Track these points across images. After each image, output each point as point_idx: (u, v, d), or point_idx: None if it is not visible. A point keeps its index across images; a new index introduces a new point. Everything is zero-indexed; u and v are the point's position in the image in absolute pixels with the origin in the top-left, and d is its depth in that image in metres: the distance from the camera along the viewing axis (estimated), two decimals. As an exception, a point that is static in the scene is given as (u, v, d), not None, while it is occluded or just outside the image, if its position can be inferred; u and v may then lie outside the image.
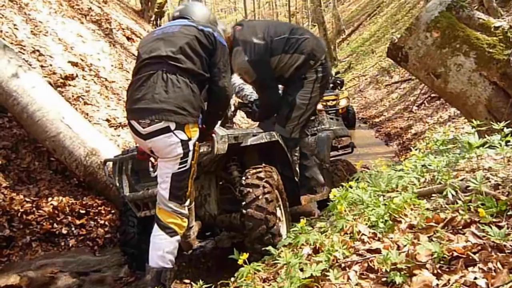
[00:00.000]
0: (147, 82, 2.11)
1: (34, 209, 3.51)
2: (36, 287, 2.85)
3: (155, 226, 2.12)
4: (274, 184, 2.46)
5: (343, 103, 9.87)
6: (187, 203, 2.18)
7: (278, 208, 2.50)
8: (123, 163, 2.72)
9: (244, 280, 1.68)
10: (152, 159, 2.58)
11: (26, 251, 3.30)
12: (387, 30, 16.90)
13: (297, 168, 3.06)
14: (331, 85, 9.10)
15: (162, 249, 2.08)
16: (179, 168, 2.10)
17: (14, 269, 3.04)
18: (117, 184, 2.70)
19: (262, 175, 2.41)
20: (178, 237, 2.12)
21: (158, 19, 13.60)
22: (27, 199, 3.55)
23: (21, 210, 3.43)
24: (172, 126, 2.07)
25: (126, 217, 2.87)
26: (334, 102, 9.69)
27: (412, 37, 2.65)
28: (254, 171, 2.45)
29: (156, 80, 2.10)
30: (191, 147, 2.12)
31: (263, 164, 2.54)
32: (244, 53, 2.83)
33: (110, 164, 2.79)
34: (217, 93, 2.25)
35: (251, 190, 2.33)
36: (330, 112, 8.77)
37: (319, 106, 8.13)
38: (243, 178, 2.44)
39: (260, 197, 2.30)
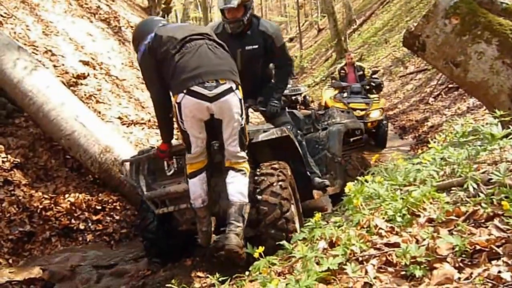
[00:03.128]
0: (198, 52, 2.30)
1: (52, 205, 3.58)
2: (57, 280, 2.93)
3: (230, 172, 2.35)
4: (288, 176, 2.52)
5: (374, 115, 6.89)
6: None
7: (291, 203, 2.49)
8: (140, 163, 2.80)
9: (260, 273, 1.67)
10: (173, 159, 2.71)
11: (46, 246, 3.38)
12: (401, 18, 16.51)
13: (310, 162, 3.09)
14: (362, 89, 7.19)
15: (241, 186, 2.33)
16: (241, 124, 2.35)
17: (35, 263, 3.13)
18: (135, 184, 2.78)
19: (276, 166, 2.52)
20: (248, 178, 2.39)
21: (165, 15, 13.64)
22: (46, 196, 3.62)
23: (40, 206, 3.51)
24: (234, 86, 2.31)
25: (146, 205, 2.91)
26: (362, 113, 6.76)
27: (430, 25, 2.57)
28: (268, 164, 2.56)
29: (206, 51, 2.32)
30: (243, 105, 2.39)
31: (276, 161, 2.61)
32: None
33: (128, 164, 2.88)
34: None
35: (265, 179, 2.44)
36: None
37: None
38: (258, 170, 2.52)
39: (274, 183, 2.42)
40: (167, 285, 1.88)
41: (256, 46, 2.97)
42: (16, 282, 2.79)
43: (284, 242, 1.91)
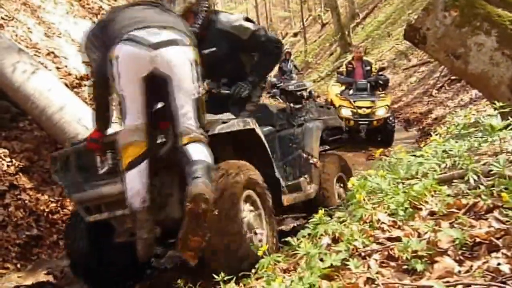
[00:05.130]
0: (143, 11, 1.99)
1: (59, 208, 3.61)
2: (66, 284, 2.94)
3: (189, 145, 1.89)
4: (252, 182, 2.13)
5: (380, 112, 6.76)
6: None
7: (256, 215, 2.14)
8: (69, 158, 2.26)
9: (265, 271, 1.69)
10: (106, 153, 2.13)
11: (54, 249, 3.40)
12: (403, 11, 16.41)
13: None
14: (368, 85, 7.09)
15: (205, 151, 1.89)
16: (196, 93, 1.94)
17: (43, 267, 3.14)
18: (60, 183, 2.30)
19: (234, 167, 2.08)
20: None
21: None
22: (52, 199, 3.65)
23: (46, 210, 3.54)
24: (186, 41, 1.93)
25: (76, 222, 2.38)
26: (368, 111, 6.74)
27: (430, 17, 2.57)
28: (226, 163, 2.09)
29: (153, 10, 2.01)
30: (198, 71, 1.95)
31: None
32: None
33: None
34: None
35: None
36: (360, 123, 6.75)
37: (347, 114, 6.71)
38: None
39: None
40: (173, 284, 1.90)
41: (215, 49, 2.49)
42: (24, 286, 2.81)
43: (288, 239, 1.87)
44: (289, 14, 33.08)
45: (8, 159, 3.76)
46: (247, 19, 2.65)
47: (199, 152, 1.87)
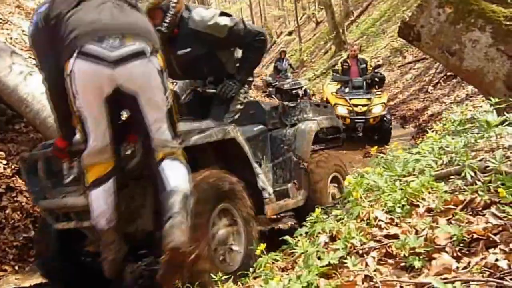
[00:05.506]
0: (99, 8, 1.71)
1: (56, 209, 3.60)
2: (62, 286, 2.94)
3: (164, 161, 1.75)
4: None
5: (377, 110, 6.70)
6: None
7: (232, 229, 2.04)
8: (37, 161, 2.09)
9: (263, 270, 1.69)
10: (73, 161, 1.99)
11: (52, 251, 3.41)
12: (397, 8, 16.44)
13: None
14: (364, 83, 7.05)
15: (183, 173, 1.75)
16: (167, 104, 1.77)
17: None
18: (29, 187, 2.17)
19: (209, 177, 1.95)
20: (188, 171, 1.79)
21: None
22: (49, 200, 3.65)
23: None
24: (148, 49, 1.69)
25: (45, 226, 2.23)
26: (364, 109, 6.68)
27: (424, 15, 2.57)
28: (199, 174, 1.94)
29: (111, 7, 1.73)
30: (165, 79, 1.76)
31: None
32: None
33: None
34: None
35: None
36: (356, 121, 6.67)
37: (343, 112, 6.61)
38: None
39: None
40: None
41: (189, 49, 2.36)
42: (22, 288, 2.80)
43: (287, 237, 1.85)
44: (284, 12, 33.05)
45: (4, 162, 3.75)
46: (223, 14, 2.45)
47: (175, 175, 1.73)
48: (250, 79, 2.69)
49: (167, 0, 2.28)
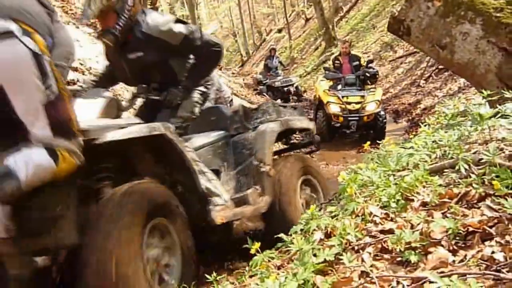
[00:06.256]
0: None
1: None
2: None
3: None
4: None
5: (370, 107, 6.55)
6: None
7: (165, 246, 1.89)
8: None
9: (259, 268, 1.68)
10: None
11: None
12: (387, 3, 16.47)
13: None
14: (357, 80, 6.95)
15: (32, 157, 1.44)
16: (48, 94, 1.50)
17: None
18: None
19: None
20: (54, 165, 1.48)
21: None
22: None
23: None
24: (15, 28, 1.44)
25: None
26: (357, 106, 6.55)
27: (413, 9, 2.56)
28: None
29: None
30: (44, 64, 1.50)
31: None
32: None
33: None
34: None
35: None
36: (350, 119, 6.60)
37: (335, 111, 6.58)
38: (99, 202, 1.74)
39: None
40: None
41: (141, 54, 2.32)
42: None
43: (282, 235, 1.85)
44: (273, 10, 33.03)
45: None
46: (179, 21, 2.43)
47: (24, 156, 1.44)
48: (204, 89, 2.64)
49: (121, 3, 2.25)
